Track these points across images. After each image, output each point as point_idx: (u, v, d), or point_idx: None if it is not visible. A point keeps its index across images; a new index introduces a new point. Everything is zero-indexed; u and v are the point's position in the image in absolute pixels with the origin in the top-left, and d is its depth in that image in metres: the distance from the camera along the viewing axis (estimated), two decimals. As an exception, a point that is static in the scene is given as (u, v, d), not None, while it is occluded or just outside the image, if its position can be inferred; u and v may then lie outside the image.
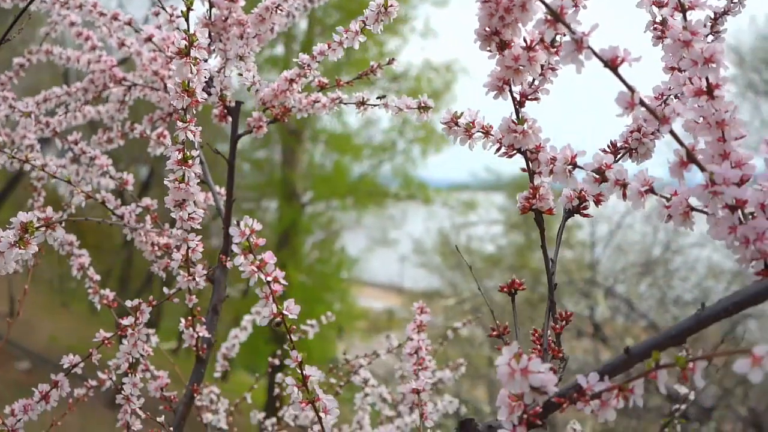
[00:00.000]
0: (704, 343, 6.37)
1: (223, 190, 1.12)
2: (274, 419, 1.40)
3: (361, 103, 0.96)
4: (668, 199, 0.56)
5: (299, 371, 0.65)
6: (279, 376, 1.24)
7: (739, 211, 0.54)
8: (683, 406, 1.07)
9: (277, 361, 1.46)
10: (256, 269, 0.62)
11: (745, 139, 0.55)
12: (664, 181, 0.58)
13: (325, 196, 11.97)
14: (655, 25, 0.63)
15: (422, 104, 0.84)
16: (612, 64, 0.51)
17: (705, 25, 0.72)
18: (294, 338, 0.65)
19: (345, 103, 0.98)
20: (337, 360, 1.38)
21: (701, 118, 0.54)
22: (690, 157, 0.52)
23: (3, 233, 0.69)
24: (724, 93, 0.55)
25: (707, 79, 0.54)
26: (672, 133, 0.52)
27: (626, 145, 0.69)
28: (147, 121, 1.20)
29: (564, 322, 0.66)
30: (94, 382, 1.13)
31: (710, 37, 0.72)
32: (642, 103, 0.51)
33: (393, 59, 1.02)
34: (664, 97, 0.69)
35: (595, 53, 0.51)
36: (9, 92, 1.15)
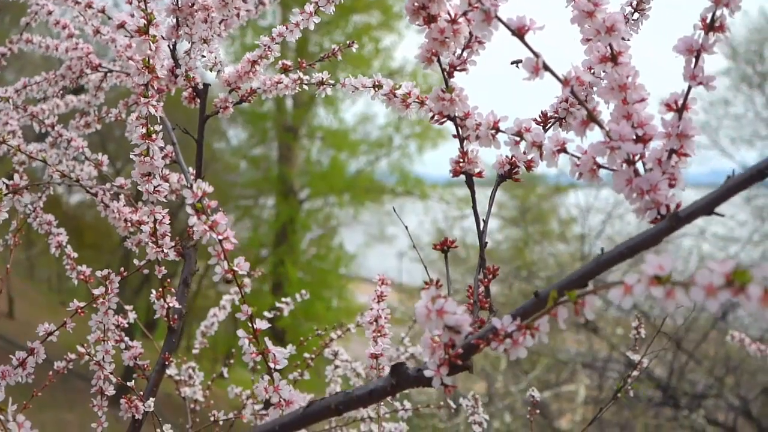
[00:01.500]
0: (696, 333, 6.41)
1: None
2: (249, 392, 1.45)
3: (321, 83, 1.01)
4: (578, 158, 0.61)
5: (250, 324, 0.70)
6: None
7: (641, 166, 0.59)
8: (635, 373, 1.12)
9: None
10: (208, 228, 0.67)
11: (647, 102, 0.60)
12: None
13: (322, 193, 12.02)
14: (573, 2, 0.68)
15: (376, 83, 0.89)
16: (519, 32, 0.56)
17: (630, 4, 0.77)
18: (244, 292, 0.70)
19: (306, 84, 1.03)
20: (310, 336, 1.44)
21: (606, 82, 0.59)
22: (591, 117, 0.57)
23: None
24: (627, 59, 0.60)
25: (611, 46, 0.59)
26: (574, 94, 0.57)
27: (556, 115, 0.74)
28: (122, 106, 1.25)
29: (492, 276, 0.71)
30: (72, 355, 1.18)
31: (636, 15, 0.77)
32: (545, 67, 0.56)
33: (353, 42, 1.07)
34: (592, 69, 0.74)
35: (503, 22, 0.56)
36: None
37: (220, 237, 0.68)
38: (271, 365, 0.70)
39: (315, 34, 10.40)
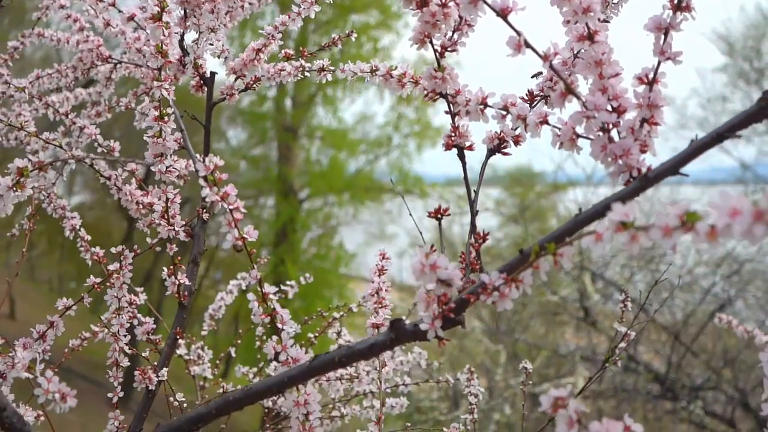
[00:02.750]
0: (694, 326, 6.45)
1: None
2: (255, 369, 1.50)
3: (322, 70, 1.07)
4: (559, 129, 0.67)
5: (259, 289, 0.76)
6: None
7: (616, 134, 0.64)
8: (623, 344, 1.18)
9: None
10: (220, 199, 0.72)
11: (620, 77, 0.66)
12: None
13: (322, 192, 12.07)
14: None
15: (374, 68, 0.95)
16: (503, 13, 0.62)
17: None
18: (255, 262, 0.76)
19: (308, 71, 1.09)
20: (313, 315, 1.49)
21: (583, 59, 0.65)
22: (568, 89, 0.63)
23: (1, 178, 0.79)
24: (603, 38, 0.65)
25: (587, 26, 0.65)
26: (552, 68, 0.63)
27: (542, 93, 0.80)
28: (132, 95, 1.31)
29: (482, 240, 0.76)
30: (87, 334, 1.24)
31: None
32: (527, 44, 0.62)
33: (352, 32, 1.13)
34: (575, 51, 0.80)
35: (488, 4, 0.62)
36: (4, 70, 1.25)
37: (231, 207, 0.73)
38: (279, 326, 0.76)
39: (314, 34, 10.45)
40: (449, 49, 0.73)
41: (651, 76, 0.64)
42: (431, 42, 0.72)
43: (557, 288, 6.70)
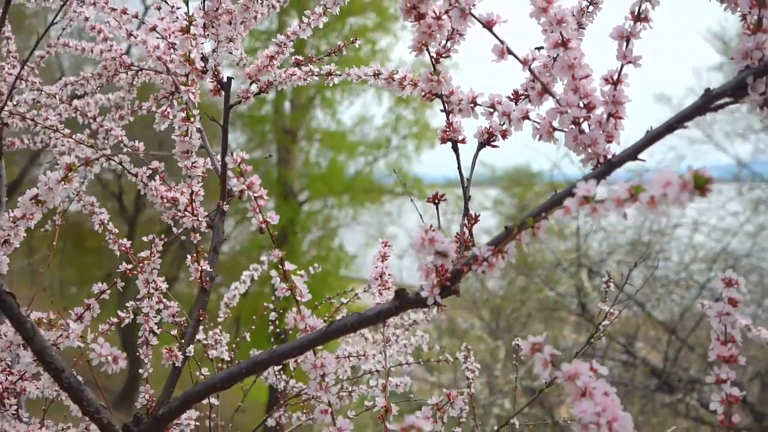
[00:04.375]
0: (691, 321, 6.53)
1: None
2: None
3: (329, 74, 1.18)
4: (538, 123, 0.78)
5: (281, 266, 0.87)
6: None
7: (586, 126, 0.76)
8: (606, 322, 1.28)
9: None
10: (246, 188, 0.83)
11: (591, 78, 0.77)
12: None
13: (322, 194, 12.17)
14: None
15: (377, 72, 1.06)
16: (489, 25, 0.73)
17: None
18: (274, 238, 0.87)
19: (316, 75, 1.20)
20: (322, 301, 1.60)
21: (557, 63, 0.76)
22: (545, 89, 0.74)
23: (51, 173, 0.90)
24: (576, 44, 0.76)
25: (561, 34, 0.76)
26: (531, 71, 0.74)
27: (525, 93, 0.91)
28: (152, 99, 1.42)
29: (474, 221, 0.87)
30: (115, 320, 1.34)
31: (591, 7, 0.94)
32: (509, 51, 0.73)
33: (355, 39, 1.24)
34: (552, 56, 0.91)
35: (475, 17, 0.73)
36: (36, 78, 1.36)
37: (255, 195, 0.84)
38: (298, 298, 0.87)
39: (312, 38, 10.58)
40: (443, 55, 0.84)
41: (615, 77, 0.75)
42: (428, 49, 0.83)
43: (555, 285, 6.81)
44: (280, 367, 1.64)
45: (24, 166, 8.68)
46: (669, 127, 0.68)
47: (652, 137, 0.69)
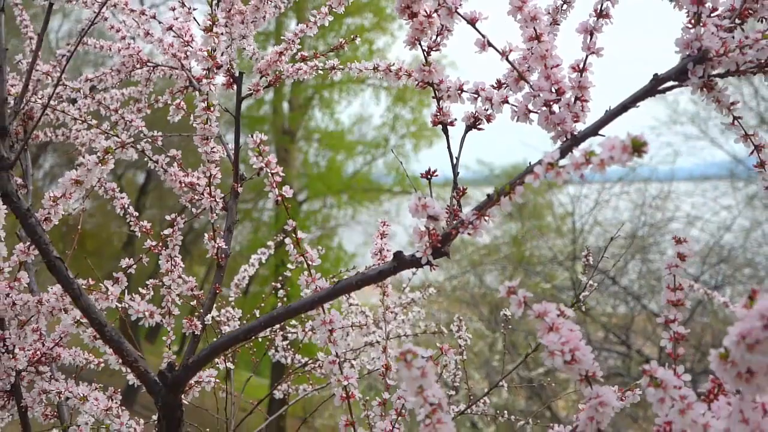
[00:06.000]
0: (683, 312, 6.74)
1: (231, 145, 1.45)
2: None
3: (332, 68, 1.30)
4: (516, 107, 0.90)
5: (294, 235, 0.99)
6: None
7: (557, 108, 0.88)
8: (586, 293, 1.41)
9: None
10: (264, 165, 0.96)
11: (561, 67, 0.89)
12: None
13: (321, 194, 12.29)
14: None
15: (375, 66, 1.18)
16: (472, 21, 0.85)
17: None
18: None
19: (321, 70, 1.32)
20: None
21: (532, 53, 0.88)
22: (520, 76, 0.86)
23: (89, 156, 1.02)
24: (548, 39, 0.89)
25: (535, 29, 0.88)
26: (508, 61, 0.86)
27: (506, 81, 1.03)
28: (168, 93, 1.53)
29: (462, 193, 0.99)
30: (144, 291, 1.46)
31: (564, 6, 1.06)
32: (489, 44, 0.85)
33: (356, 36, 1.36)
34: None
35: (460, 15, 0.85)
36: (58, 74, 1.48)
37: (273, 171, 0.97)
38: (310, 263, 0.99)
39: (310, 39, 10.71)
40: (434, 48, 0.96)
41: (581, 66, 0.87)
42: (420, 43, 0.95)
43: (551, 279, 6.94)
44: (288, 342, 1.76)
45: (24, 168, 9.15)
46: (623, 107, 0.80)
47: (610, 116, 0.81)
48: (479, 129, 1.03)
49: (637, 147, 0.62)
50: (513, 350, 6.65)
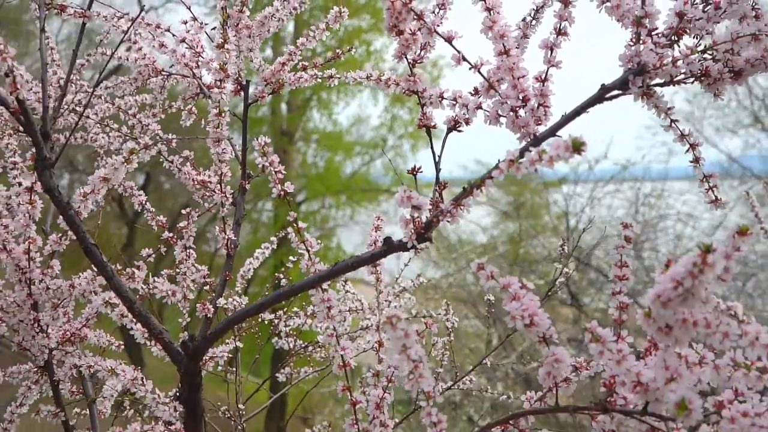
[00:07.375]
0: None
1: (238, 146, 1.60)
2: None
3: (331, 77, 1.45)
4: (488, 112, 1.05)
5: (295, 225, 1.13)
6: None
7: (522, 113, 1.02)
8: (562, 279, 1.55)
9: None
10: (268, 164, 1.10)
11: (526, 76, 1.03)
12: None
13: (319, 195, 12.42)
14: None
15: (369, 75, 1.33)
16: (449, 39, 1.00)
17: (530, 14, 1.20)
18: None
19: (320, 78, 1.47)
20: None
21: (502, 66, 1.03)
22: (490, 86, 1.01)
23: (115, 156, 1.17)
24: (515, 53, 1.03)
25: (503, 45, 1.03)
26: (480, 73, 1.01)
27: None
28: (181, 99, 1.68)
29: (444, 187, 1.14)
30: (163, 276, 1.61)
31: (533, 21, 1.21)
32: (464, 59, 1.00)
33: (352, 47, 1.51)
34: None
35: (438, 34, 1.00)
36: (82, 81, 1.63)
37: (276, 169, 1.11)
38: (309, 248, 1.14)
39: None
40: (418, 61, 1.11)
41: (543, 76, 1.01)
42: (406, 57, 1.10)
43: (546, 276, 7.09)
44: (290, 329, 1.91)
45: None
46: (577, 112, 0.95)
47: (565, 120, 0.95)
48: (459, 131, 1.18)
49: (577, 146, 0.76)
50: (509, 346, 6.80)
